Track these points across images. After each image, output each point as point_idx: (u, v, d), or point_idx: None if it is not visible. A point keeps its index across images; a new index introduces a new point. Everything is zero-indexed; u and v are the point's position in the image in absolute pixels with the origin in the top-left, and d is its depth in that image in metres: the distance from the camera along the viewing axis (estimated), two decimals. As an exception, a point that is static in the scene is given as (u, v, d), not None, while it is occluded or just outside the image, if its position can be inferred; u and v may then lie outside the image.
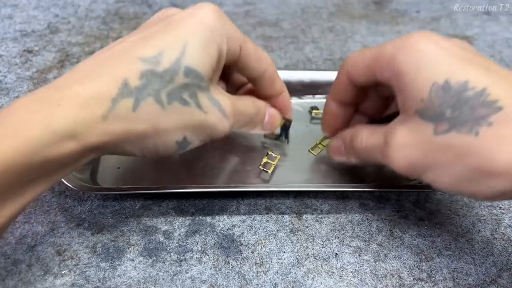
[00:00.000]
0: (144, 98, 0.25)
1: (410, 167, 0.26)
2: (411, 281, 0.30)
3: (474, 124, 0.23)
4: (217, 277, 0.29)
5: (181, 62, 0.26)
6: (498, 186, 0.23)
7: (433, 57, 0.25)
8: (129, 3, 0.63)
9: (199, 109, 0.27)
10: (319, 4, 0.66)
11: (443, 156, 0.25)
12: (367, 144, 0.29)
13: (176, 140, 0.27)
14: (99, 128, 0.24)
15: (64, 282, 0.28)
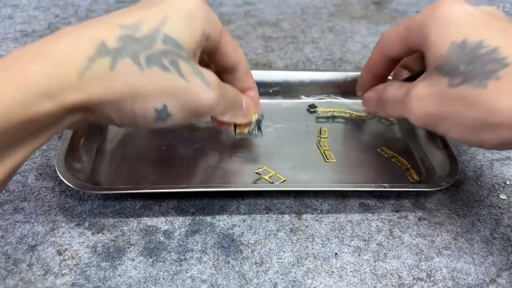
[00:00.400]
0: (122, 58, 0.25)
1: (426, 117, 0.29)
2: (410, 280, 0.30)
3: (484, 78, 0.26)
4: (217, 277, 0.29)
5: (160, 30, 0.27)
6: (503, 135, 0.26)
7: (455, 19, 0.28)
8: (129, 3, 0.63)
9: (180, 77, 0.27)
10: (319, 4, 0.66)
11: (455, 107, 0.27)
12: (394, 96, 0.32)
13: (155, 107, 0.27)
14: (75, 86, 0.24)
15: (65, 281, 0.29)
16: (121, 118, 0.27)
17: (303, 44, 0.56)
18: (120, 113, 0.26)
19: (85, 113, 0.26)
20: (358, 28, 0.60)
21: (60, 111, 0.24)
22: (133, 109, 0.26)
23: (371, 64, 0.36)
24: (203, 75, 0.28)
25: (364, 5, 0.66)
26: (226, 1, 0.65)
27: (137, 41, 0.26)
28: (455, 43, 0.27)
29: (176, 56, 0.27)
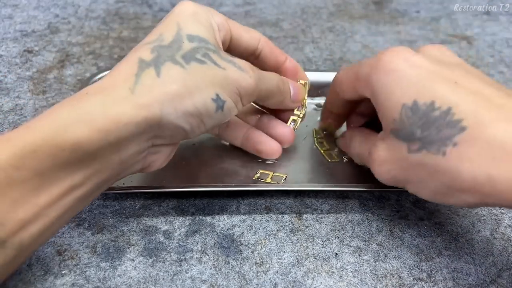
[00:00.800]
0: (163, 64, 0.27)
1: (392, 180, 0.29)
2: (411, 281, 0.30)
3: (441, 144, 0.25)
4: (217, 277, 0.29)
5: (181, 33, 0.29)
6: (469, 199, 0.25)
7: (403, 77, 0.27)
8: (129, 3, 0.63)
9: (216, 66, 0.28)
10: (319, 4, 0.66)
11: (418, 173, 0.27)
12: (359, 151, 0.33)
13: (211, 97, 0.28)
14: (129, 101, 0.25)
15: (64, 282, 0.28)
16: (190, 122, 0.28)
17: (303, 44, 0.56)
18: (187, 116, 0.27)
19: (152, 132, 0.27)
20: (358, 28, 0.60)
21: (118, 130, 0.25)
22: (195, 105, 0.27)
23: (329, 102, 0.36)
24: (234, 62, 0.29)
25: (364, 5, 0.66)
26: (226, 1, 0.65)
27: (167, 47, 0.28)
28: (407, 106, 0.26)
29: (205, 49, 0.29)
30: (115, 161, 0.26)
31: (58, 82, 0.47)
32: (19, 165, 0.22)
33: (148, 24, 0.58)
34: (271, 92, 0.32)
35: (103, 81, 0.27)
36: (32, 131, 0.24)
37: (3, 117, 0.41)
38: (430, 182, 0.26)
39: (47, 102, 0.44)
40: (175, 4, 0.31)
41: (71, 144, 0.23)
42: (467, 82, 0.26)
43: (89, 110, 0.25)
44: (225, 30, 0.32)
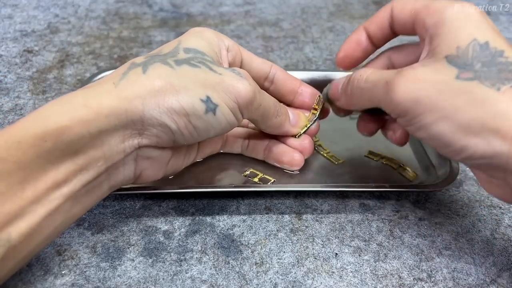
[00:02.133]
0: (152, 64, 0.28)
1: (413, 101, 0.26)
2: (411, 281, 0.30)
3: (498, 81, 0.24)
4: (217, 277, 0.29)
5: (179, 47, 0.30)
6: (496, 144, 0.24)
7: (480, 21, 0.27)
8: (129, 3, 0.63)
9: (212, 71, 0.28)
10: (319, 4, 0.66)
11: (456, 100, 0.25)
12: (375, 77, 0.29)
13: (200, 98, 0.27)
14: (111, 93, 0.26)
15: (64, 282, 0.28)
16: (175, 120, 0.27)
17: (303, 44, 0.56)
18: (171, 113, 0.27)
19: (135, 128, 0.27)
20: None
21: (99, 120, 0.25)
22: (180, 102, 0.27)
23: (374, 21, 0.33)
24: (233, 69, 0.29)
25: (364, 5, 0.66)
26: (226, 1, 0.65)
27: (162, 55, 0.29)
28: (477, 42, 0.26)
29: (201, 59, 0.29)
30: (99, 157, 0.26)
31: (58, 82, 0.47)
32: (4, 156, 0.23)
33: (148, 24, 0.58)
34: (268, 111, 0.32)
35: (93, 82, 0.28)
36: (16, 125, 0.24)
37: (3, 117, 0.41)
38: (464, 112, 0.24)
39: (47, 102, 0.43)
40: (175, 4, 0.31)
41: (52, 134, 0.24)
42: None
43: (71, 102, 0.25)
44: (235, 52, 0.33)
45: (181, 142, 0.29)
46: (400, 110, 0.27)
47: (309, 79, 0.45)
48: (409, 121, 0.27)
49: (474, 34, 0.26)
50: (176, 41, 0.31)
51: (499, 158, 0.24)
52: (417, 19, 0.29)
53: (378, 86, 0.28)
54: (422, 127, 0.26)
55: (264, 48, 0.55)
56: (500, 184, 0.26)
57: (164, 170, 0.32)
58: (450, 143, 0.25)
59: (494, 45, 0.26)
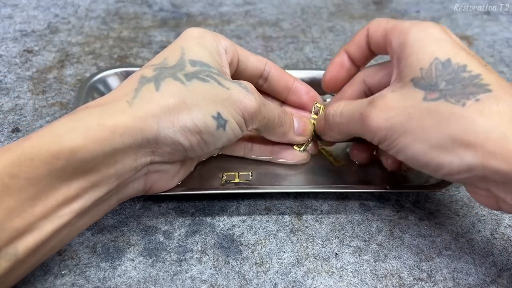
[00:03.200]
0: (163, 79, 0.28)
1: (387, 129, 0.27)
2: (411, 281, 0.30)
3: (463, 97, 0.25)
4: (217, 277, 0.29)
5: (184, 58, 0.30)
6: (469, 158, 0.24)
7: (441, 39, 0.28)
8: (129, 3, 0.63)
9: (220, 86, 0.29)
10: (319, 4, 0.66)
11: (426, 121, 0.26)
12: (351, 107, 0.30)
13: (211, 114, 0.28)
14: (126, 112, 0.26)
15: (64, 282, 0.28)
16: (188, 138, 0.27)
17: (303, 44, 0.56)
18: (185, 132, 0.27)
19: (149, 147, 0.27)
20: (358, 28, 0.60)
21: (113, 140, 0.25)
22: (193, 120, 0.27)
23: (353, 43, 0.34)
24: (240, 83, 0.30)
25: (364, 5, 0.66)
26: (226, 1, 0.65)
27: (170, 68, 0.29)
28: (439, 60, 0.27)
29: (208, 72, 0.29)
30: (111, 175, 0.26)
31: (58, 82, 0.47)
32: (16, 173, 0.23)
33: (148, 24, 0.58)
34: (272, 122, 0.32)
35: (104, 97, 0.28)
36: (29, 140, 0.24)
37: (3, 117, 0.41)
38: (434, 132, 0.25)
39: (47, 102, 0.44)
40: (175, 4, 0.31)
41: (66, 153, 0.24)
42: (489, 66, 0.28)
43: (86, 120, 0.25)
44: (232, 53, 0.33)
45: (191, 156, 0.30)
46: (378, 137, 0.28)
47: (309, 78, 0.45)
48: (388, 146, 0.28)
49: (435, 53, 0.27)
50: (177, 48, 0.30)
51: (476, 171, 0.24)
52: (386, 39, 0.31)
53: (354, 118, 0.30)
54: (400, 150, 0.27)
55: (264, 48, 0.55)
56: (485, 194, 0.27)
57: (176, 180, 0.32)
58: (426, 163, 0.26)
59: (456, 61, 0.26)
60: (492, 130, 0.24)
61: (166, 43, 0.54)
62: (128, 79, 0.29)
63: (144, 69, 0.29)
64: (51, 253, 0.26)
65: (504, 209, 0.26)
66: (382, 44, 0.31)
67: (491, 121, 0.24)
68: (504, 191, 0.25)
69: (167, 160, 0.29)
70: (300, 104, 0.37)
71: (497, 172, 0.24)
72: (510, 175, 0.23)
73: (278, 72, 0.36)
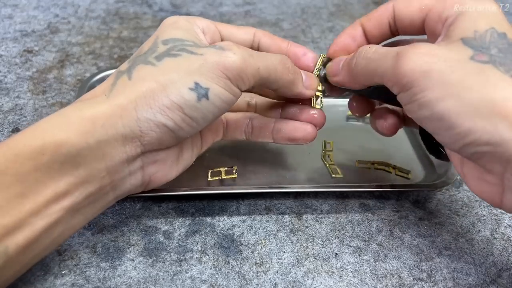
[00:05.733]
0: (134, 68, 0.28)
1: (422, 73, 0.24)
2: (411, 281, 0.30)
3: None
4: (217, 277, 0.29)
5: (157, 41, 0.29)
6: (504, 130, 0.23)
7: (499, 15, 0.26)
8: (129, 3, 0.63)
9: (193, 55, 0.28)
10: (319, 4, 0.66)
11: (469, 79, 0.24)
12: (381, 50, 0.28)
13: (188, 87, 0.27)
14: (103, 102, 0.26)
15: (64, 282, 0.28)
16: (170, 117, 0.27)
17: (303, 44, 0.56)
18: (166, 112, 0.27)
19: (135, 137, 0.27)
20: (358, 28, 0.60)
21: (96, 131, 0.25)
22: (170, 98, 0.27)
23: (370, 16, 0.31)
24: (214, 45, 0.28)
25: (364, 5, 0.66)
26: (226, 1, 0.65)
27: (142, 54, 0.29)
28: (496, 30, 0.25)
29: (181, 46, 0.28)
30: (101, 169, 0.26)
31: (58, 82, 0.47)
32: (2, 169, 0.23)
33: (148, 24, 0.58)
34: (275, 70, 0.29)
35: (85, 94, 0.28)
36: (15, 138, 0.24)
37: (3, 117, 0.41)
38: (474, 92, 0.23)
39: (47, 102, 0.44)
40: (175, 4, 0.31)
41: (50, 147, 0.24)
42: None
43: (67, 115, 0.26)
44: (212, 32, 0.32)
45: (183, 136, 0.28)
46: (405, 81, 0.25)
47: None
48: (413, 96, 0.25)
49: (492, 24, 0.26)
50: (153, 37, 0.30)
51: (504, 147, 0.23)
52: (430, 14, 0.28)
53: (388, 56, 0.27)
54: (426, 103, 0.25)
55: (264, 48, 0.55)
56: (493, 182, 0.25)
57: (176, 169, 0.31)
58: (454, 125, 0.24)
59: (511, 36, 0.25)
60: None
61: (166, 43, 0.54)
62: (108, 78, 0.29)
63: (121, 65, 0.30)
64: (47, 251, 0.26)
65: (507, 203, 0.25)
66: (417, 22, 0.29)
67: None
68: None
69: (158, 146, 0.28)
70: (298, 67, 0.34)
71: None
72: None
73: (269, 39, 0.34)
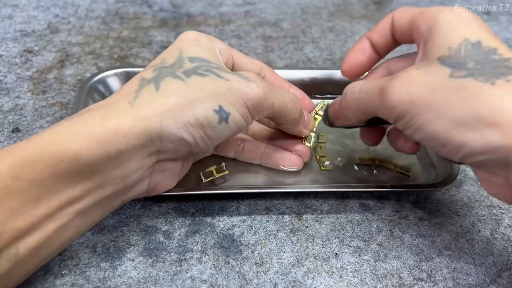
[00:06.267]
0: (162, 79, 0.28)
1: (408, 103, 0.26)
2: (411, 281, 0.30)
3: (493, 76, 0.24)
4: (217, 277, 0.29)
5: (182, 56, 0.30)
6: (493, 138, 0.23)
7: (472, 22, 0.27)
8: (129, 3, 0.63)
9: (220, 79, 0.28)
10: (319, 4, 0.66)
11: (451, 96, 0.24)
12: (366, 87, 0.29)
13: (213, 108, 0.28)
14: (128, 113, 0.26)
15: (64, 282, 0.28)
16: (192, 134, 0.27)
17: (303, 44, 0.56)
18: (187, 127, 0.27)
19: (154, 146, 0.27)
20: (358, 28, 0.60)
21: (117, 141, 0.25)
22: (195, 115, 0.27)
23: (376, 29, 0.33)
24: (240, 73, 0.29)
25: (364, 5, 0.66)
26: (226, 1, 0.65)
27: (169, 67, 0.29)
28: (469, 41, 0.26)
29: (207, 67, 0.29)
30: (116, 176, 0.26)
31: (58, 82, 0.47)
32: (18, 174, 0.23)
33: (148, 24, 0.58)
34: (285, 108, 0.31)
35: (106, 99, 0.28)
36: (32, 143, 0.24)
37: (3, 117, 0.41)
38: (459, 108, 0.24)
39: (47, 102, 0.44)
40: (175, 4, 0.31)
41: (69, 155, 0.24)
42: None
43: (88, 122, 0.25)
44: (227, 55, 0.33)
45: (195, 152, 0.30)
46: (396, 113, 0.27)
47: (309, 78, 0.45)
48: (406, 123, 0.27)
49: (465, 34, 0.26)
50: (175, 49, 0.31)
51: (498, 153, 0.24)
52: (413, 25, 0.30)
53: (373, 93, 0.28)
54: (419, 128, 0.26)
55: (264, 48, 0.55)
56: (501, 183, 0.26)
57: (177, 178, 0.32)
58: (447, 141, 0.25)
59: (486, 44, 0.26)
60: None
61: (166, 43, 0.54)
62: (128, 82, 0.29)
63: (144, 71, 0.29)
64: (53, 254, 0.26)
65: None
66: (407, 31, 0.30)
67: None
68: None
69: (173, 157, 0.29)
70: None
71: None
72: None
73: (273, 77, 0.35)
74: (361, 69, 0.34)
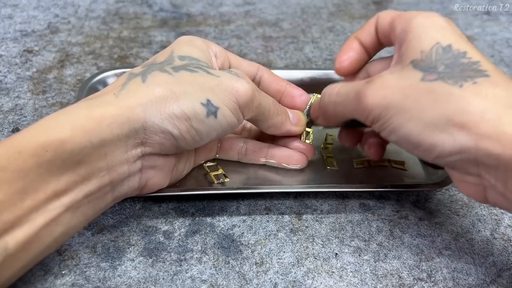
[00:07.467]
0: (150, 73, 0.28)
1: (383, 107, 0.27)
2: (411, 281, 0.30)
3: (461, 79, 0.25)
4: (217, 277, 0.29)
5: (173, 55, 0.30)
6: (462, 139, 0.24)
7: (444, 27, 0.28)
8: (129, 3, 0.63)
9: (209, 75, 0.29)
10: (319, 4, 0.66)
11: (421, 100, 0.26)
12: (343, 90, 0.30)
13: (200, 101, 0.28)
14: (113, 103, 0.26)
15: (64, 282, 0.28)
16: (177, 126, 0.27)
17: (303, 44, 0.56)
18: (172, 119, 0.27)
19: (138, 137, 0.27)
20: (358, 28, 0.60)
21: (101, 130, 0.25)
22: (181, 107, 0.27)
23: (363, 29, 0.34)
24: (230, 70, 0.30)
25: (364, 5, 0.66)
26: (226, 1, 0.65)
27: (158, 63, 0.29)
28: (440, 45, 0.27)
29: (197, 64, 0.30)
30: (101, 168, 0.26)
31: (58, 82, 0.47)
32: (4, 165, 0.23)
33: (148, 24, 0.58)
34: (269, 110, 0.32)
35: (94, 94, 0.29)
36: (18, 134, 0.24)
37: (3, 117, 0.41)
38: (429, 111, 0.25)
39: (47, 102, 0.44)
40: (175, 4, 0.31)
41: (54, 144, 0.24)
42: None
43: (73, 112, 0.26)
44: (223, 58, 0.33)
45: (184, 147, 0.29)
46: (372, 117, 0.28)
47: (309, 78, 0.45)
48: (381, 126, 0.28)
49: (437, 38, 0.27)
50: (168, 50, 0.31)
51: (468, 153, 0.24)
52: (392, 27, 0.31)
53: (350, 97, 0.29)
54: (393, 130, 0.27)
55: (264, 48, 0.55)
56: (473, 182, 0.26)
57: (170, 177, 0.32)
58: (419, 143, 0.26)
59: (456, 47, 0.27)
60: (487, 112, 0.24)
61: (166, 43, 0.54)
62: (119, 78, 0.29)
63: (134, 68, 0.30)
64: (48, 251, 0.26)
65: (490, 200, 0.26)
66: (387, 33, 0.31)
67: (486, 103, 0.24)
68: (495, 177, 0.25)
69: (159, 151, 0.29)
70: (294, 107, 0.36)
71: (490, 154, 0.24)
72: (502, 158, 0.23)
73: (270, 77, 0.36)
74: (353, 65, 0.34)
